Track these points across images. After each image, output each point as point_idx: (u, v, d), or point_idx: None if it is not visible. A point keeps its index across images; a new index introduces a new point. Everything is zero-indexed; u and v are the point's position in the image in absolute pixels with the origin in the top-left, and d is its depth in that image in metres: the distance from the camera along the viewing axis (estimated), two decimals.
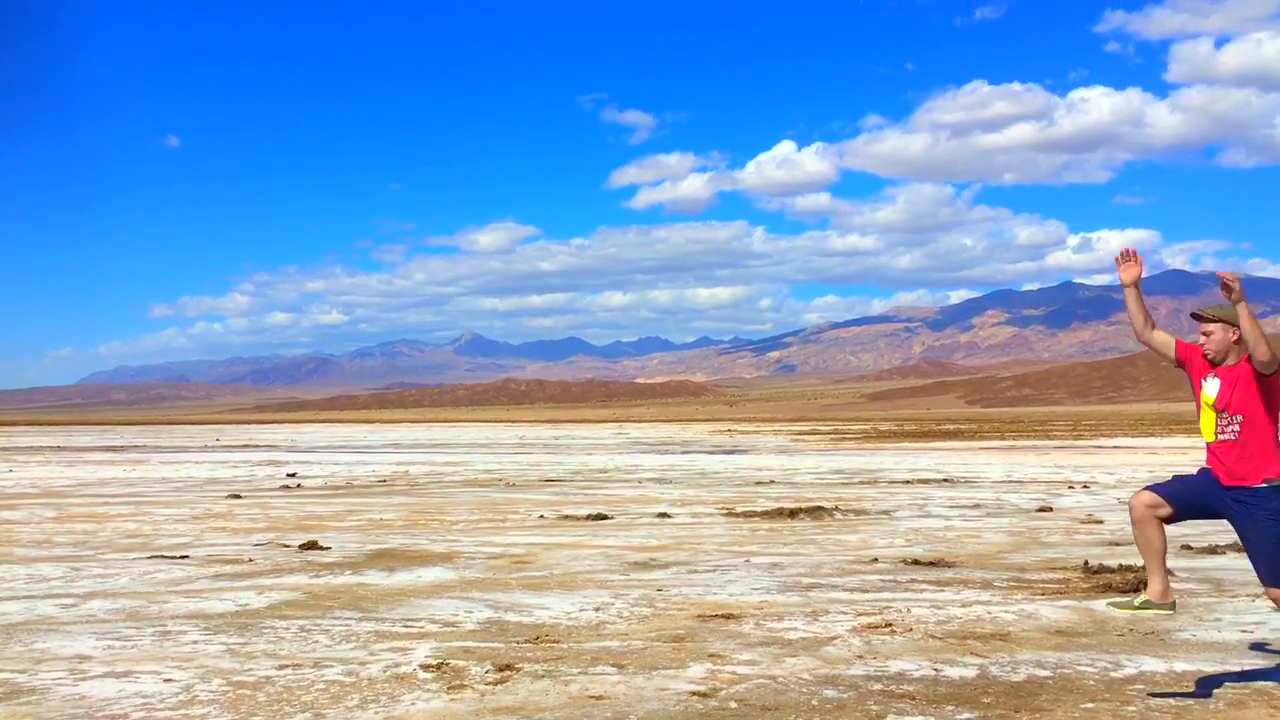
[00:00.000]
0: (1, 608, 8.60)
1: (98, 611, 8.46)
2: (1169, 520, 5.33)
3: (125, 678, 6.30)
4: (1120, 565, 10.25)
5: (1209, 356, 5.21)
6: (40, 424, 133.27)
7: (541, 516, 16.43)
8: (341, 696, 5.89)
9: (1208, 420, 5.20)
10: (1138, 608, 5.50)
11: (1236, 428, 5.06)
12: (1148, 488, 5.43)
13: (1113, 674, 6.37)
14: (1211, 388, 5.19)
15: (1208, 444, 5.26)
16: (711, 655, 6.89)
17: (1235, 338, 5.13)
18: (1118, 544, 12.72)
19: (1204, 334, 5.22)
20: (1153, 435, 58.67)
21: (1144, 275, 5.54)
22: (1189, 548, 12.14)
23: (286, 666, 6.57)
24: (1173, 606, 5.50)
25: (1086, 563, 10.59)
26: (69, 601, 8.89)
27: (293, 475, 27.99)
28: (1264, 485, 5.02)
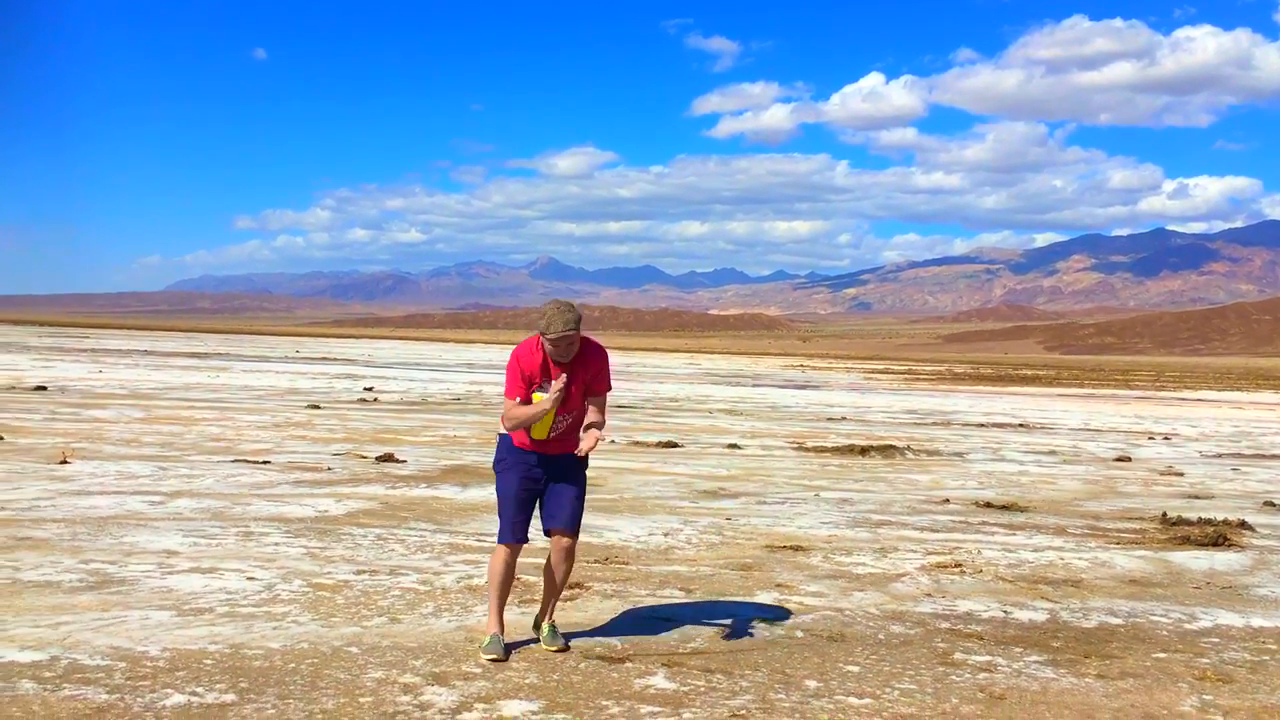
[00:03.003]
0: (93, 500, 8.94)
1: (184, 510, 8.75)
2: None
3: (210, 574, 6.52)
4: (1200, 519, 10.07)
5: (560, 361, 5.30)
6: (128, 328, 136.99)
7: (612, 441, 16.55)
8: (417, 604, 6.04)
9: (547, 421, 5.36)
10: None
11: (570, 421, 5.36)
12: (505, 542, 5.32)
13: (1186, 626, 6.28)
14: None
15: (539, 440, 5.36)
16: (779, 585, 6.92)
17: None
18: (1198, 497, 12.48)
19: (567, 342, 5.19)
20: (1239, 390, 57.18)
21: (1241, 225, 5.25)
22: (1272, 504, 11.88)
23: (364, 572, 6.75)
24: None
25: (1165, 514, 10.42)
26: (157, 499, 9.21)
27: (370, 389, 28.51)
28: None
